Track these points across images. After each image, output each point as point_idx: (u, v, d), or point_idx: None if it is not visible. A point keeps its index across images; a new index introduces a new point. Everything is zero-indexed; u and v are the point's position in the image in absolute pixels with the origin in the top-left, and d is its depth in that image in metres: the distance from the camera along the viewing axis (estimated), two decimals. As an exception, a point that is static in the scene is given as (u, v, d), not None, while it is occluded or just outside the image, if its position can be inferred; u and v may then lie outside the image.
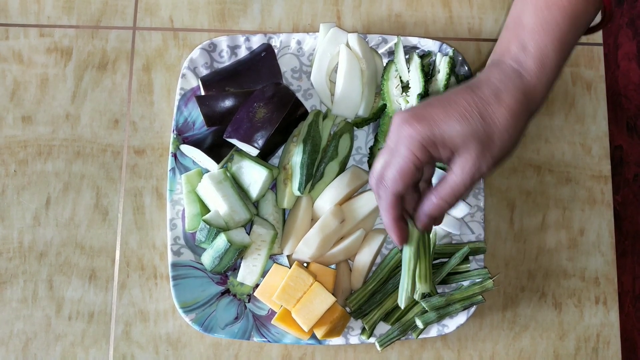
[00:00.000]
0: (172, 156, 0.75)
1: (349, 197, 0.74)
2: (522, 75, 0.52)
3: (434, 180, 0.73)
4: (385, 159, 0.54)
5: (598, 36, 0.83)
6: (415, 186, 0.56)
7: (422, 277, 0.58)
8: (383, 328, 0.73)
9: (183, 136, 0.75)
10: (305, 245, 0.71)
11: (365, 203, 0.73)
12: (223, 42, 0.77)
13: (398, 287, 0.71)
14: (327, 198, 0.72)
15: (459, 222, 0.73)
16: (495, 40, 0.82)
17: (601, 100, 0.82)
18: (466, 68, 0.77)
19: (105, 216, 0.77)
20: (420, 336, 0.72)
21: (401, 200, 0.54)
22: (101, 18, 0.81)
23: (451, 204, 0.54)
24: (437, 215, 0.55)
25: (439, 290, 0.74)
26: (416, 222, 0.56)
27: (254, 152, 0.71)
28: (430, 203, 0.54)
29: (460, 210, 0.72)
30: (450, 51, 0.75)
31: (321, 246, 0.71)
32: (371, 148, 0.76)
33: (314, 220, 0.74)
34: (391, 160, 0.52)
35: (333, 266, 0.74)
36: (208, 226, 0.69)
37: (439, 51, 0.76)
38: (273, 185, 0.76)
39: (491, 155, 0.51)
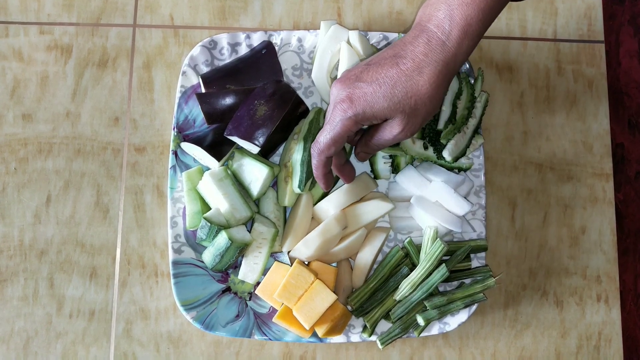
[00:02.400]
0: (173, 154, 0.74)
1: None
2: (445, 45, 0.56)
3: (438, 179, 0.73)
4: (326, 118, 0.62)
5: (599, 34, 0.83)
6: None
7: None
8: (384, 326, 0.73)
9: (184, 134, 0.75)
10: (305, 246, 0.71)
11: (371, 210, 0.72)
12: (223, 39, 0.76)
13: (399, 286, 0.72)
14: (333, 203, 0.72)
15: (460, 220, 0.73)
16: (495, 38, 0.82)
17: (602, 98, 0.82)
18: (467, 65, 0.76)
19: (106, 214, 0.77)
20: (422, 334, 0.72)
21: (330, 159, 0.64)
22: (101, 15, 0.81)
23: (375, 152, 0.66)
24: (366, 155, 0.68)
25: (441, 289, 0.74)
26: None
27: (255, 149, 0.71)
28: (361, 146, 0.66)
29: (461, 208, 0.72)
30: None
31: (320, 248, 0.71)
32: (372, 146, 0.76)
33: (314, 218, 0.73)
34: (326, 127, 0.60)
35: (334, 264, 0.74)
36: (209, 224, 0.69)
37: (440, 48, 0.76)
38: (274, 183, 0.76)
39: (415, 121, 0.59)
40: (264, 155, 0.74)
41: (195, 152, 0.74)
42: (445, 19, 0.55)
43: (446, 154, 0.72)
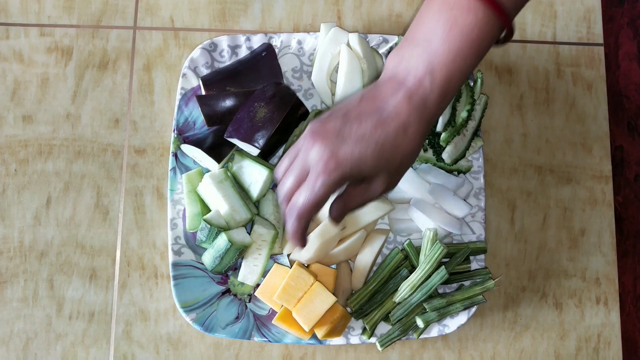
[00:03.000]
0: (173, 156, 0.74)
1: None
2: (426, 103, 0.54)
3: (437, 182, 0.73)
4: (296, 178, 0.56)
5: (599, 36, 0.83)
6: None
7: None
8: (384, 328, 0.73)
9: (184, 136, 0.75)
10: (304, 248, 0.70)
11: (370, 211, 0.72)
12: (224, 41, 0.77)
13: (399, 288, 0.72)
14: (330, 200, 0.72)
15: (459, 222, 0.73)
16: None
17: (602, 100, 0.82)
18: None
19: (106, 216, 0.77)
20: (421, 336, 0.72)
21: (310, 221, 0.58)
22: (102, 18, 0.81)
23: (354, 211, 0.61)
24: (342, 217, 0.61)
25: (440, 291, 0.74)
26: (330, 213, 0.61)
27: (255, 151, 0.71)
28: (340, 207, 0.59)
29: (461, 210, 0.72)
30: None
31: (319, 250, 0.71)
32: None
33: (314, 221, 0.74)
34: (306, 188, 0.55)
35: (334, 266, 0.74)
36: (209, 226, 0.69)
37: (439, 51, 0.76)
38: (274, 185, 0.76)
39: (398, 177, 0.58)
40: (264, 157, 0.74)
41: (195, 154, 0.74)
42: (426, 77, 0.54)
43: (445, 156, 0.72)
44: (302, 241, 0.59)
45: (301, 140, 0.57)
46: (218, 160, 0.72)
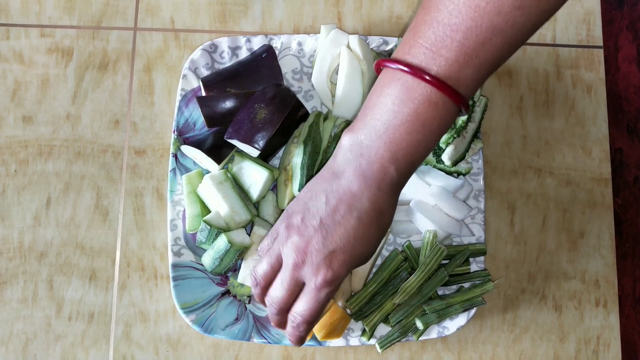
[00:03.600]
0: (173, 157, 0.75)
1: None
2: (394, 189, 0.57)
3: (437, 183, 0.73)
4: (290, 290, 0.59)
5: (598, 39, 0.83)
6: None
7: None
8: (383, 330, 0.73)
9: (184, 137, 0.75)
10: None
11: None
12: (224, 43, 0.77)
13: (398, 289, 0.72)
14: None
15: (459, 224, 0.73)
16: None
17: (601, 102, 0.82)
18: (467, 70, 0.77)
19: (106, 217, 0.77)
20: (421, 338, 0.72)
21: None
22: (102, 18, 0.81)
23: None
24: None
25: (440, 293, 0.74)
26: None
27: (255, 153, 0.71)
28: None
29: (460, 212, 0.72)
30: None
31: None
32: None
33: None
34: (308, 299, 0.59)
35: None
36: (209, 227, 0.69)
37: (440, 53, 0.76)
38: (274, 187, 0.76)
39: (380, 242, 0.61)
40: (264, 158, 0.74)
41: (195, 155, 0.74)
42: (391, 166, 0.55)
43: (445, 158, 0.72)
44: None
45: (278, 246, 0.59)
46: (218, 162, 0.72)
